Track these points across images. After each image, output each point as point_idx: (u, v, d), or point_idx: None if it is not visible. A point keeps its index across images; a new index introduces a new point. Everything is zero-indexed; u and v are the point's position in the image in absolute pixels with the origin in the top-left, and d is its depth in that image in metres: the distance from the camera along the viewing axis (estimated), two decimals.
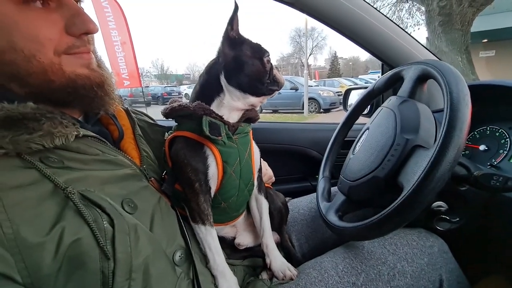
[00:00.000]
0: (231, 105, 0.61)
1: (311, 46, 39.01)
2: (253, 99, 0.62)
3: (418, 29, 9.21)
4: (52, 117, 0.42)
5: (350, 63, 51.24)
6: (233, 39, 0.60)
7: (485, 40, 9.44)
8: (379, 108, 0.70)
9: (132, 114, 0.67)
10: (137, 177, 0.54)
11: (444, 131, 0.45)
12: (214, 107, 0.61)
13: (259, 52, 0.61)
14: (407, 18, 9.27)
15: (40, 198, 0.37)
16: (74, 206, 0.38)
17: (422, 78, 0.62)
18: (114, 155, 0.51)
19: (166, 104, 0.64)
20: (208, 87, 0.62)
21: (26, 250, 0.34)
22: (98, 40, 0.50)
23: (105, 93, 0.50)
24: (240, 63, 0.60)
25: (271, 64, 0.62)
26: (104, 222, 0.40)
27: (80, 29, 0.44)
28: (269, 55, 0.62)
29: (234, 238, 0.75)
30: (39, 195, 0.37)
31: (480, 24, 6.41)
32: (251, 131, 0.68)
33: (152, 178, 0.60)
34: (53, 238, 0.35)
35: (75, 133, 0.44)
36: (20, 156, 0.38)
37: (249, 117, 0.65)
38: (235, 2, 0.57)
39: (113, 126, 0.60)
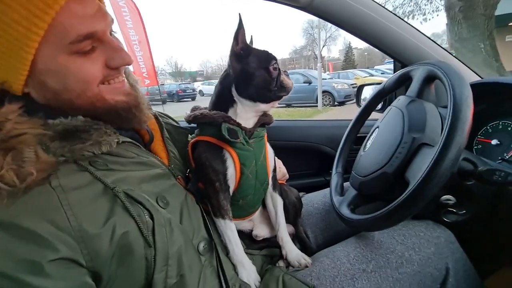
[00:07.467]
0: (244, 113, 0.67)
1: (325, 37, 38.02)
2: (263, 106, 0.67)
3: (437, 15, 8.70)
4: (98, 128, 0.50)
5: (366, 53, 49.31)
6: (238, 53, 0.65)
7: None
8: (389, 108, 0.74)
9: (159, 118, 0.74)
10: (166, 176, 0.61)
11: (446, 131, 0.49)
12: (230, 114, 0.67)
13: (265, 61, 0.65)
14: (425, 5, 8.77)
15: (94, 197, 0.44)
16: (122, 203, 0.45)
17: (429, 79, 0.65)
18: (147, 157, 0.58)
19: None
20: (223, 97, 0.68)
21: (88, 239, 0.41)
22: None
23: (140, 112, 0.57)
24: (247, 75, 0.64)
25: (278, 70, 0.66)
26: (146, 216, 0.47)
27: (118, 63, 0.51)
28: (275, 62, 0.66)
29: (252, 230, 0.82)
30: (93, 194, 0.44)
31: (506, 5, 6.02)
32: (265, 135, 0.74)
33: (179, 176, 0.67)
34: (107, 230, 0.43)
35: (116, 140, 0.51)
36: (75, 162, 0.46)
37: (264, 122, 0.71)
38: (239, 17, 0.61)
39: (144, 130, 0.67)
